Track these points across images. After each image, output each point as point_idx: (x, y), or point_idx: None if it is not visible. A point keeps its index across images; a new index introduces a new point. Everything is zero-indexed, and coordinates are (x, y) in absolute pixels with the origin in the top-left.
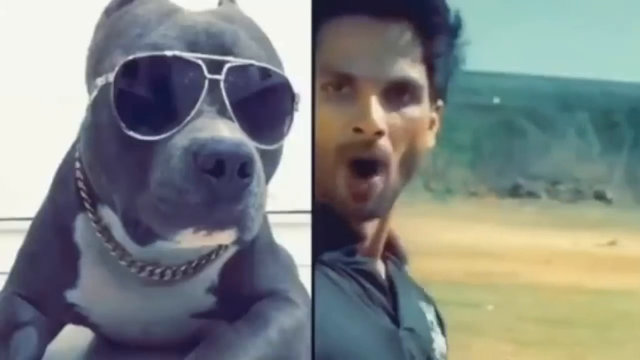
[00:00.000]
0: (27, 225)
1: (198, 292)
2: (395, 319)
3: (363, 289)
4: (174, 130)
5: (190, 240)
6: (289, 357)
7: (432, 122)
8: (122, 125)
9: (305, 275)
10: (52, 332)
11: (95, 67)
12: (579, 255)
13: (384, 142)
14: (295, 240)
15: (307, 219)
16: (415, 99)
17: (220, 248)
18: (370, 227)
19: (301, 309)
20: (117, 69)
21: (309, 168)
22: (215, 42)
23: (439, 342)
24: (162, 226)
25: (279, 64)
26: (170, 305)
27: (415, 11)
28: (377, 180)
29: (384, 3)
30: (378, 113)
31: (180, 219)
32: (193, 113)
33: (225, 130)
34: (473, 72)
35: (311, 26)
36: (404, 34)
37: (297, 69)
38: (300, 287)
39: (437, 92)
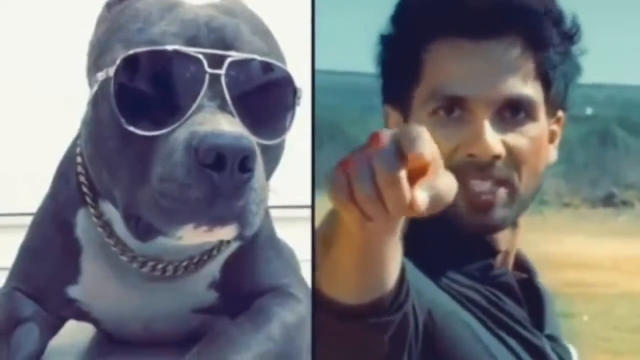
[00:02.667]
0: (28, 220)
1: (200, 287)
2: (539, 327)
3: (501, 301)
4: (174, 125)
5: (192, 236)
6: (291, 353)
7: (552, 135)
8: (122, 120)
9: (305, 270)
10: (53, 327)
11: (96, 61)
12: None
13: (502, 165)
14: (296, 234)
15: (308, 213)
16: (531, 116)
17: (222, 243)
18: (503, 241)
19: (303, 304)
20: (117, 63)
21: (309, 162)
22: (216, 36)
23: (574, 353)
24: (163, 222)
25: (281, 58)
26: (171, 301)
27: (520, 26)
28: (501, 191)
29: (485, 22)
30: (492, 136)
31: (181, 214)
32: (194, 108)
33: (226, 125)
34: None
35: (311, 24)
36: (511, 51)
37: (297, 67)
38: (302, 282)
39: (556, 104)
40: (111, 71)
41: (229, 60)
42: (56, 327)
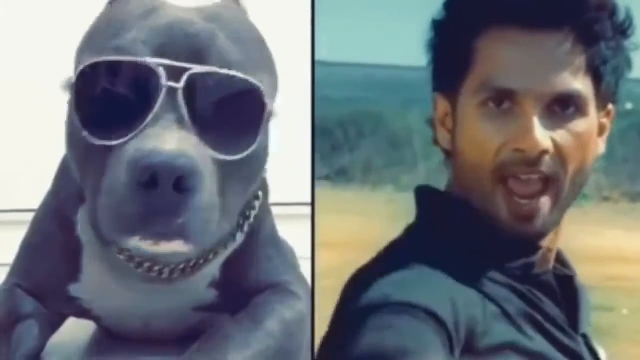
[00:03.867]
0: (29, 217)
1: (199, 286)
2: (574, 326)
3: (539, 300)
4: (128, 137)
5: (147, 247)
6: (291, 350)
7: (601, 128)
8: (80, 126)
9: (305, 268)
10: (53, 324)
11: (75, 62)
12: None
13: (549, 161)
14: (295, 232)
15: (308, 210)
16: (581, 111)
17: (220, 247)
18: (545, 239)
19: (303, 302)
20: (78, 71)
21: (309, 160)
22: (187, 44)
23: (601, 351)
24: (112, 233)
25: (265, 67)
26: (171, 299)
27: (575, 20)
28: (544, 200)
29: (539, 14)
30: (541, 132)
31: (125, 228)
32: (148, 121)
33: (173, 142)
34: None
35: (311, 24)
36: (563, 44)
37: (297, 66)
38: (302, 279)
39: (607, 98)
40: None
41: (189, 73)
42: (56, 324)
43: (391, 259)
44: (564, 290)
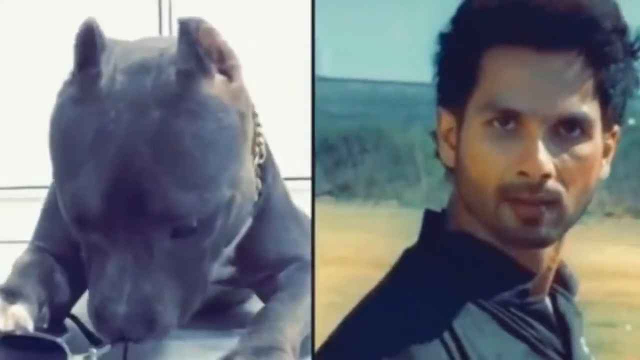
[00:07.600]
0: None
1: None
2: (567, 357)
3: (534, 330)
4: None
5: None
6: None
7: (606, 150)
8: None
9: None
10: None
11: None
12: None
13: (553, 184)
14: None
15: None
16: (586, 133)
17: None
18: (541, 262)
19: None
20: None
21: (309, 160)
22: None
23: None
24: None
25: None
26: None
27: (585, 41)
28: (548, 215)
29: (549, 34)
30: (544, 155)
31: None
32: None
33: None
34: None
35: (311, 39)
36: (571, 66)
37: (299, 82)
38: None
39: (613, 119)
40: None
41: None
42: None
43: (373, 314)
44: (559, 314)
